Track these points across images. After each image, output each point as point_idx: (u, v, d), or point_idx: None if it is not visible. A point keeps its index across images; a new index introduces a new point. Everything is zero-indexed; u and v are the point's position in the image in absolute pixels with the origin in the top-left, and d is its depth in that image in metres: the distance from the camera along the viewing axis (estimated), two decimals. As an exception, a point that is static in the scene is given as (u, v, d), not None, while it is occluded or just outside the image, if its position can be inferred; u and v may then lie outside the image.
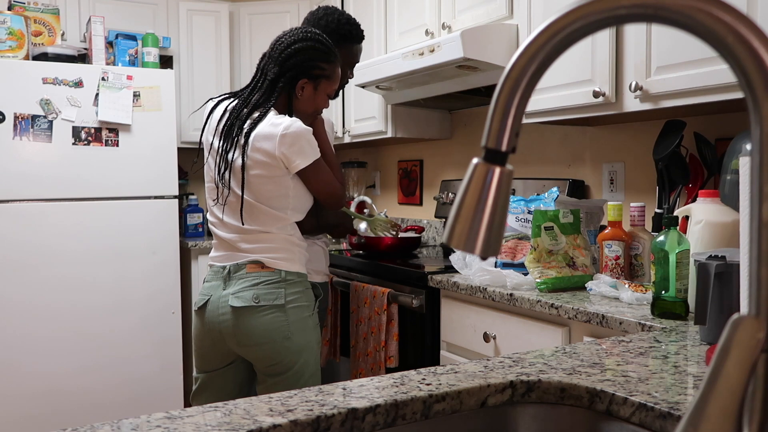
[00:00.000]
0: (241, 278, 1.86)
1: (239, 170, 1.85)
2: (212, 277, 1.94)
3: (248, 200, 1.87)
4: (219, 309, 1.87)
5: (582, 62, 1.98)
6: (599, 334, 1.58)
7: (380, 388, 0.96)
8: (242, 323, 1.84)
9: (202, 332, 1.93)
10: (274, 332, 1.82)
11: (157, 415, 0.85)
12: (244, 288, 1.85)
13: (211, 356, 1.93)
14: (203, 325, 1.92)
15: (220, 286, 1.89)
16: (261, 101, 1.90)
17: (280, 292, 1.84)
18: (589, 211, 2.17)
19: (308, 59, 1.90)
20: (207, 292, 1.93)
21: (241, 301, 1.84)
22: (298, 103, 1.93)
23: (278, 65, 1.89)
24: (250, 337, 1.83)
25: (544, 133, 2.64)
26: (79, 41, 3.43)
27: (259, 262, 1.86)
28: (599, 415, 0.96)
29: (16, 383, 2.95)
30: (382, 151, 3.76)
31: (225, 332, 1.87)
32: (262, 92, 1.90)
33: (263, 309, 1.83)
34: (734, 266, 1.21)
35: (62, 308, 3.04)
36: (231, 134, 1.87)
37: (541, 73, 0.55)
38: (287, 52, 1.89)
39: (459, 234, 0.57)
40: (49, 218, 3.03)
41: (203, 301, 1.92)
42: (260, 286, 1.84)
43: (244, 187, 1.86)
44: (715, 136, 2.02)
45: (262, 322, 1.82)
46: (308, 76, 1.91)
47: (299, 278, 1.89)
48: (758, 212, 0.50)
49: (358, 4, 3.15)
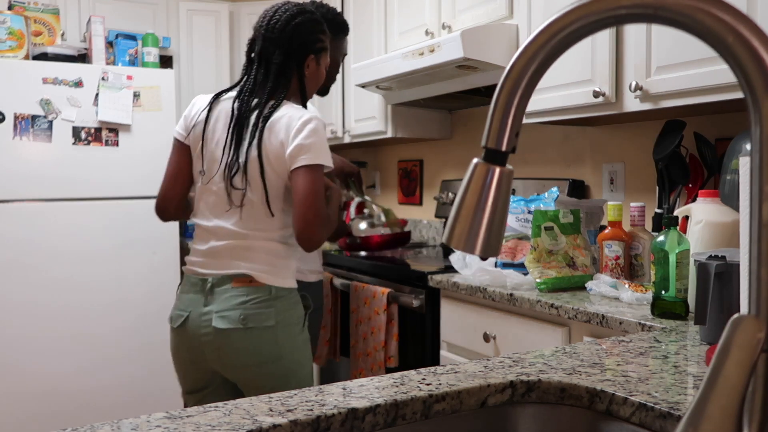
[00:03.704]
0: (226, 293, 1.66)
1: (255, 164, 1.66)
2: (190, 288, 1.73)
3: (253, 200, 1.69)
4: (201, 328, 1.67)
5: (582, 62, 1.98)
6: (599, 334, 1.58)
7: (380, 388, 0.95)
8: (228, 345, 1.65)
9: (181, 350, 1.75)
10: (264, 354, 1.66)
11: (157, 415, 0.85)
12: (230, 307, 1.65)
13: (193, 375, 1.76)
14: (182, 343, 1.73)
15: (200, 300, 1.69)
16: (273, 89, 1.73)
17: (270, 312, 1.66)
18: (589, 211, 2.17)
19: (310, 33, 1.77)
20: (185, 307, 1.72)
21: (226, 321, 1.64)
22: (307, 81, 1.81)
23: (282, 47, 1.73)
24: (236, 360, 1.66)
25: (544, 133, 2.64)
26: (79, 41, 3.43)
27: (246, 276, 1.67)
28: (599, 415, 0.96)
29: (16, 383, 2.95)
30: (382, 151, 3.76)
31: (208, 353, 1.69)
32: (272, 80, 1.73)
33: (251, 330, 1.65)
34: (734, 266, 1.21)
35: (62, 308, 3.04)
36: (244, 129, 1.69)
37: (541, 73, 0.55)
38: (288, 30, 1.73)
39: (459, 234, 0.57)
40: (49, 218, 3.03)
41: (182, 318, 1.71)
42: (248, 304, 1.65)
43: (266, 184, 1.66)
44: (715, 136, 2.02)
45: (250, 344, 1.65)
46: (313, 51, 1.79)
47: (289, 293, 1.72)
48: (758, 212, 0.50)
49: (358, 4, 3.15)
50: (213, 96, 1.79)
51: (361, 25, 3.12)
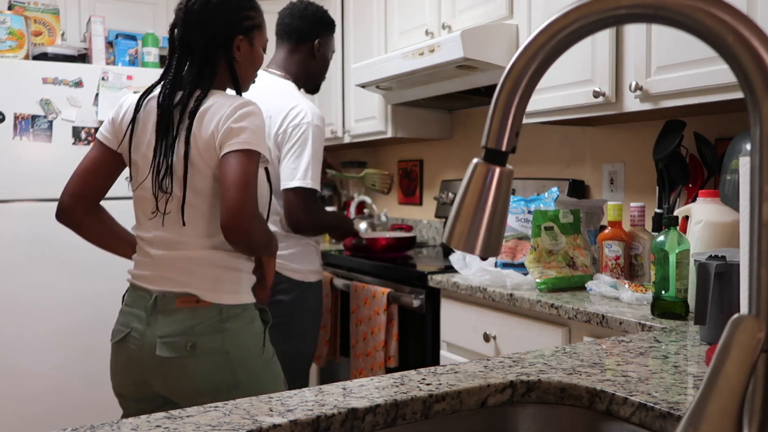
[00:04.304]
0: (170, 315, 1.46)
1: (181, 161, 1.47)
2: (133, 302, 1.53)
3: (189, 201, 1.49)
4: (143, 352, 1.47)
5: (582, 62, 1.98)
6: (599, 334, 1.58)
7: (380, 388, 0.95)
8: (175, 373, 1.46)
9: (120, 370, 1.54)
10: (217, 383, 1.45)
11: (157, 415, 0.86)
12: (175, 333, 1.45)
13: (133, 394, 1.55)
14: (121, 361, 1.53)
15: (142, 318, 1.49)
16: (197, 78, 1.53)
17: (220, 336, 1.46)
18: (589, 211, 2.17)
19: (235, 11, 1.57)
20: (126, 322, 1.53)
21: (170, 350, 1.45)
22: (239, 66, 1.60)
23: (202, 29, 1.53)
24: (186, 389, 1.47)
25: (544, 133, 2.64)
26: (79, 41, 3.43)
27: (192, 296, 1.47)
28: (599, 415, 0.96)
29: (16, 383, 2.95)
30: (382, 151, 3.76)
31: (151, 380, 1.49)
32: (196, 68, 1.54)
33: (201, 357, 1.45)
34: (734, 266, 1.21)
35: (62, 308, 3.04)
36: (169, 127, 1.50)
37: (541, 73, 0.56)
38: (209, 9, 1.54)
39: (459, 234, 0.57)
40: (49, 218, 3.01)
41: (122, 334, 1.52)
42: (196, 329, 1.45)
43: (185, 184, 1.48)
44: (715, 136, 2.02)
45: (200, 371, 1.45)
46: (242, 30, 1.58)
47: (243, 310, 1.51)
48: (758, 212, 0.50)
49: (358, 4, 3.15)
50: (141, 94, 1.58)
51: (361, 25, 3.12)
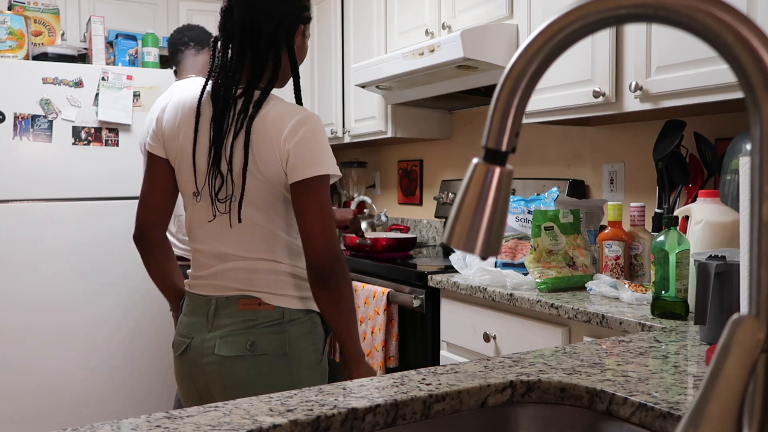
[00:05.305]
0: (231, 317, 1.43)
1: (240, 174, 1.39)
2: (192, 310, 1.49)
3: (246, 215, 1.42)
4: (203, 356, 1.44)
5: (582, 62, 1.98)
6: (599, 334, 1.58)
7: (380, 388, 0.95)
8: (233, 375, 1.42)
9: (185, 380, 1.51)
10: (274, 387, 1.38)
11: (157, 415, 0.85)
12: (235, 331, 1.42)
13: (197, 404, 1.47)
14: (184, 371, 1.50)
15: (203, 325, 1.45)
16: (261, 69, 1.41)
17: (280, 338, 1.42)
18: (589, 211, 2.17)
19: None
20: (187, 332, 1.48)
21: (230, 348, 1.41)
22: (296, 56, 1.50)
23: (271, 12, 1.41)
24: (243, 392, 1.38)
25: (544, 133, 2.64)
26: (79, 41, 3.43)
27: (254, 298, 1.43)
28: (599, 415, 0.96)
29: (17, 382, 2.95)
30: (382, 151, 3.76)
31: (212, 385, 1.45)
32: (258, 57, 1.41)
33: (260, 358, 1.41)
34: (734, 266, 1.21)
35: (62, 308, 3.04)
36: (223, 133, 1.40)
37: (541, 73, 0.55)
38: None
39: (459, 234, 0.57)
40: (49, 218, 3.03)
41: (184, 345, 1.48)
42: (256, 327, 1.42)
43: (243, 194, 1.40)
44: (715, 136, 2.02)
45: (259, 374, 1.42)
46: (302, 20, 1.48)
47: (306, 315, 1.47)
48: (758, 212, 0.50)
49: (358, 4, 3.15)
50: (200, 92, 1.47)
51: (361, 25, 3.12)
